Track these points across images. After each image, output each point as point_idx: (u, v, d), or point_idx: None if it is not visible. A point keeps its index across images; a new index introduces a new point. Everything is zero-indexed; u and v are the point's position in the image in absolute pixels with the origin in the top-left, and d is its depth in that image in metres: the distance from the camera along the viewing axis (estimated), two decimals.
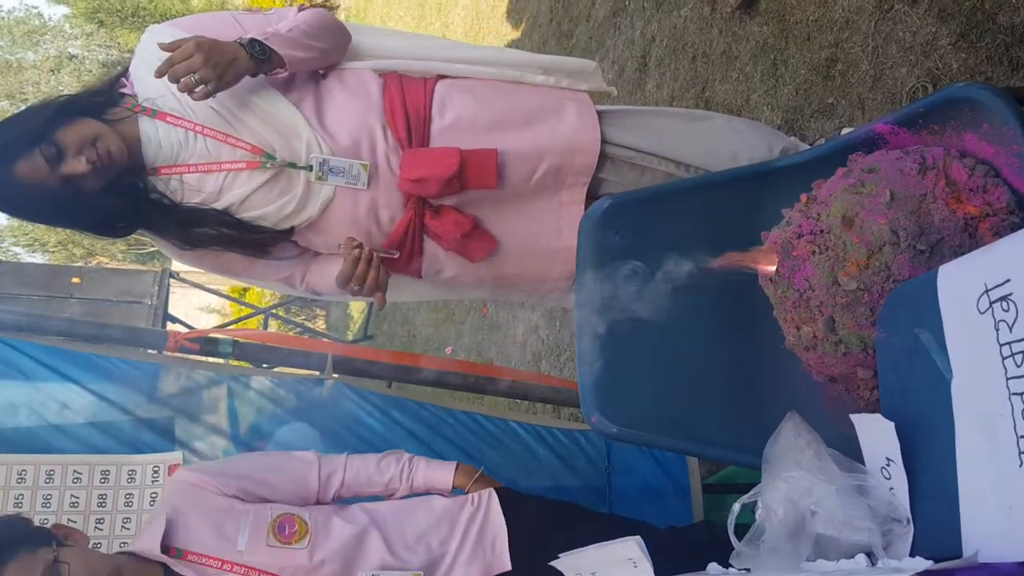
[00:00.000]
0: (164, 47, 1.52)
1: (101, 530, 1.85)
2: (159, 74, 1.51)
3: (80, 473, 1.86)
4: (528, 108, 1.76)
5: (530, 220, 1.78)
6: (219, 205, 1.68)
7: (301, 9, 1.72)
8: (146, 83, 1.64)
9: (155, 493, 1.90)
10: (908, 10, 2.09)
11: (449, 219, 1.72)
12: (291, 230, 1.74)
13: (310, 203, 1.69)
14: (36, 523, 1.46)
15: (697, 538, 1.65)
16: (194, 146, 1.64)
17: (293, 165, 1.65)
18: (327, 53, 1.70)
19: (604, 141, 1.76)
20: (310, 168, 1.65)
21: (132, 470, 1.90)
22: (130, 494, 1.89)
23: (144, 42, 1.68)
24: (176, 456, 1.93)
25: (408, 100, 1.70)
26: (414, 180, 1.66)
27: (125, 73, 1.69)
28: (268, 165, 1.64)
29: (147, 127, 1.64)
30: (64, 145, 1.57)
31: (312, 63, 1.68)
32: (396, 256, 1.73)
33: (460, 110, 1.72)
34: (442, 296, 2.12)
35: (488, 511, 1.63)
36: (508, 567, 1.58)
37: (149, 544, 1.46)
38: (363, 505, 1.63)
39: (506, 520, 1.62)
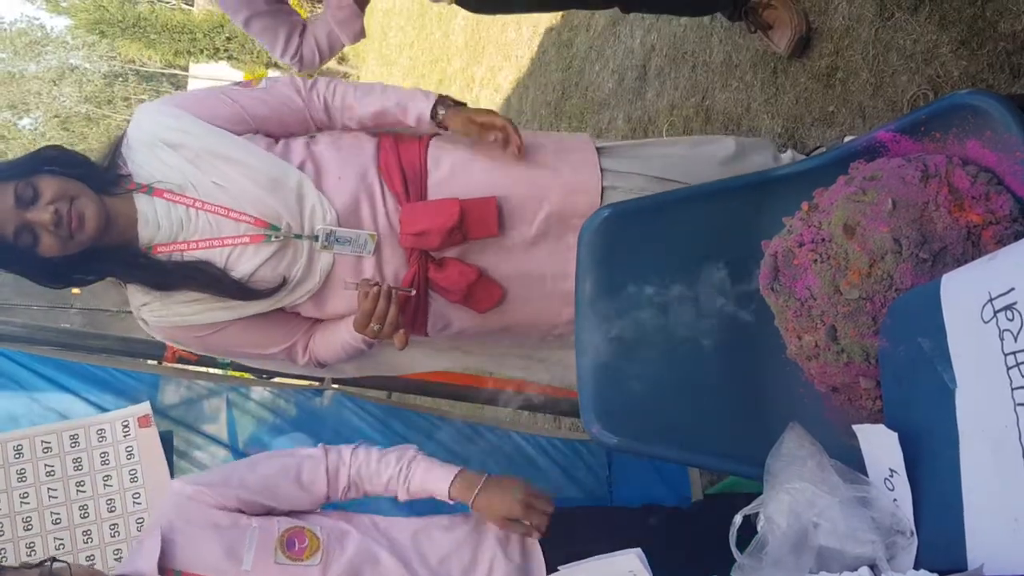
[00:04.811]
0: None
1: (84, 491, 1.86)
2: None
3: (49, 442, 1.86)
4: (526, 151, 1.73)
5: (536, 265, 1.74)
6: None
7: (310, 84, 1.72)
8: (140, 163, 1.61)
9: (129, 447, 1.89)
10: (908, 18, 2.08)
11: (454, 270, 1.68)
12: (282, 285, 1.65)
13: (311, 274, 1.64)
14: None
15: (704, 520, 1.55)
16: (195, 223, 1.59)
17: (299, 236, 1.61)
18: None
19: (606, 177, 1.73)
20: (316, 238, 1.61)
21: (101, 429, 1.89)
22: (104, 452, 1.88)
23: (136, 122, 1.63)
24: (144, 408, 1.92)
25: (403, 158, 1.69)
26: (415, 234, 1.63)
27: (117, 151, 1.63)
28: (273, 238, 1.59)
29: (144, 206, 1.59)
30: (41, 191, 1.50)
31: None
32: (412, 294, 1.66)
33: (455, 158, 1.71)
34: (445, 366, 2.04)
35: (523, 545, 1.52)
36: None
37: (143, 566, 1.32)
38: (375, 519, 1.53)
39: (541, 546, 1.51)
